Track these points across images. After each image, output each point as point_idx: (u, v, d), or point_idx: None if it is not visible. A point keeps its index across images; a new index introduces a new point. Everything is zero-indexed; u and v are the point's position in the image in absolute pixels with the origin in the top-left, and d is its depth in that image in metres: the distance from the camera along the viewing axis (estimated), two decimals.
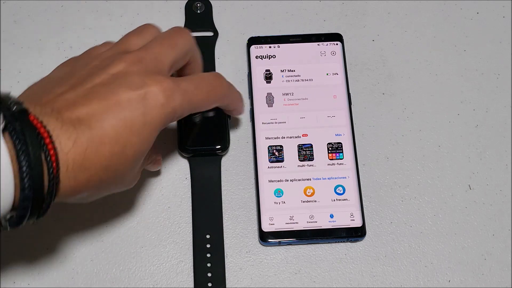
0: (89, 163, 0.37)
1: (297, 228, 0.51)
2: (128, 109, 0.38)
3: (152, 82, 0.39)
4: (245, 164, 0.54)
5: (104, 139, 0.37)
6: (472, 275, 0.50)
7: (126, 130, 0.38)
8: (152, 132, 0.40)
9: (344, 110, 0.54)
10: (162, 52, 0.42)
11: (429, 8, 0.60)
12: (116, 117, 0.38)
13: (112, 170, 0.38)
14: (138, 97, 0.39)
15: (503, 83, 0.57)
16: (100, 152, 0.37)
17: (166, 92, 0.40)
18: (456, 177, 0.54)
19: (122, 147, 0.38)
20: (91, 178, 0.37)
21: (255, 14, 0.59)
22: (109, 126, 0.37)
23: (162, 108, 0.40)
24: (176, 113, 0.41)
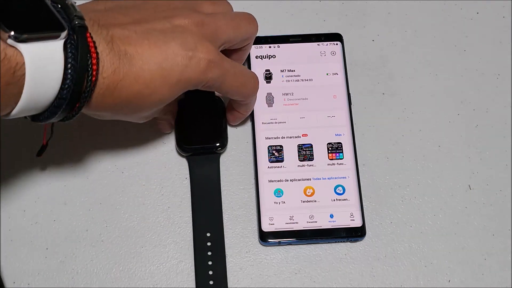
0: (118, 93, 0.40)
1: (297, 228, 0.51)
2: (171, 63, 0.41)
3: (202, 48, 0.42)
4: (245, 164, 0.54)
5: (139, 79, 0.40)
6: (472, 275, 0.50)
7: (160, 79, 0.41)
8: (180, 89, 0.42)
9: (344, 110, 0.54)
10: (224, 27, 0.45)
11: (429, 8, 0.60)
12: (158, 65, 0.40)
13: (133, 106, 0.41)
14: (185, 55, 0.41)
15: (503, 83, 0.57)
16: (131, 88, 0.40)
17: (210, 63, 0.42)
18: (456, 177, 0.54)
19: (150, 92, 0.41)
20: (114, 104, 0.40)
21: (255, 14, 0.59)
22: (148, 70, 0.40)
23: (200, 74, 0.42)
24: (207, 84, 0.44)
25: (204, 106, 0.53)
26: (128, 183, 0.53)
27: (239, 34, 0.47)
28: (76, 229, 0.51)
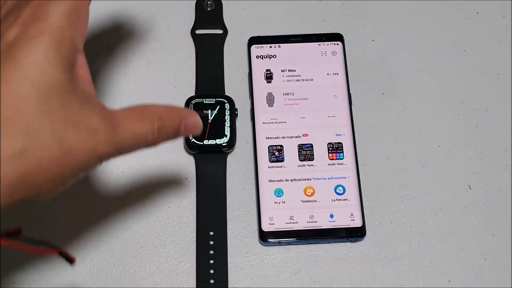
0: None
1: (297, 228, 0.51)
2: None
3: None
4: (245, 164, 0.54)
5: None
6: (472, 275, 0.50)
7: (6, 88, 0.31)
8: (44, 70, 0.32)
9: (345, 110, 0.54)
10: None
11: (429, 8, 0.60)
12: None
13: (19, 136, 0.31)
14: (3, 46, 0.33)
15: (503, 83, 0.57)
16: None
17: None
18: (456, 177, 0.54)
19: (14, 108, 0.31)
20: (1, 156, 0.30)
21: (255, 14, 0.59)
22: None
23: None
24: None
25: (213, 105, 0.54)
26: (128, 183, 0.53)
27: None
28: (76, 229, 0.51)
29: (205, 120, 0.53)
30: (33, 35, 0.32)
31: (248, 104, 0.55)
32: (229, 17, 0.59)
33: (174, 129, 0.37)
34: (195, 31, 0.58)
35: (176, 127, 0.37)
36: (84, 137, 0.32)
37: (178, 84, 0.56)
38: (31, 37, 0.32)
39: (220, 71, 0.56)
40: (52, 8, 0.33)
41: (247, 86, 0.56)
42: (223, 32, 0.58)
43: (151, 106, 0.36)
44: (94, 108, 0.34)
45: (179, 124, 0.37)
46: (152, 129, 0.36)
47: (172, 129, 0.37)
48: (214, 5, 0.59)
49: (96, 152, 0.33)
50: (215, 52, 0.57)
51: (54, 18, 0.33)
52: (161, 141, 0.37)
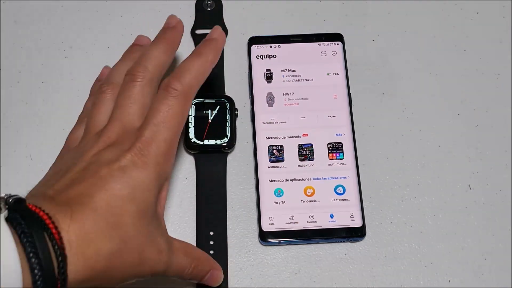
0: (92, 235, 0.36)
1: (297, 228, 0.51)
2: (112, 180, 0.38)
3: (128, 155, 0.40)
4: (245, 164, 0.54)
5: (98, 211, 0.37)
6: (472, 275, 0.50)
7: (115, 199, 0.38)
8: (145, 192, 0.39)
9: (345, 110, 0.54)
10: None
11: (429, 8, 0.60)
12: (103, 189, 0.37)
13: (116, 239, 0.37)
14: (117, 167, 0.39)
15: (503, 83, 0.57)
16: (98, 224, 0.36)
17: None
18: (456, 177, 0.54)
19: (117, 217, 0.37)
20: (99, 251, 0.36)
21: (255, 14, 0.59)
22: (99, 199, 0.37)
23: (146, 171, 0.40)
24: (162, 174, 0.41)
25: (213, 105, 0.54)
26: None
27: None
28: None
29: (205, 120, 0.53)
30: (142, 164, 0.39)
31: (248, 104, 0.55)
32: (229, 17, 0.59)
33: (203, 272, 0.44)
34: (195, 31, 0.58)
35: (205, 272, 0.44)
36: (154, 254, 0.39)
37: None
38: (141, 166, 0.39)
39: (220, 71, 0.56)
40: (155, 147, 0.40)
41: (247, 86, 0.56)
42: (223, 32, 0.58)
43: (194, 248, 0.45)
44: (163, 231, 0.41)
45: (208, 271, 0.44)
46: (191, 266, 0.42)
47: (202, 272, 0.44)
48: (214, 5, 0.59)
49: (155, 268, 0.40)
50: None
51: (157, 155, 0.40)
52: (190, 277, 0.43)
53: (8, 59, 0.57)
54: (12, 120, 0.54)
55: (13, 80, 0.56)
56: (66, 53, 0.57)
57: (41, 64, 0.57)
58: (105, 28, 0.58)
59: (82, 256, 0.35)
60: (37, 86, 0.56)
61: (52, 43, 0.57)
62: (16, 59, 0.57)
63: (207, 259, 0.45)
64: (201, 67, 0.43)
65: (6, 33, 0.58)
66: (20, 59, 0.57)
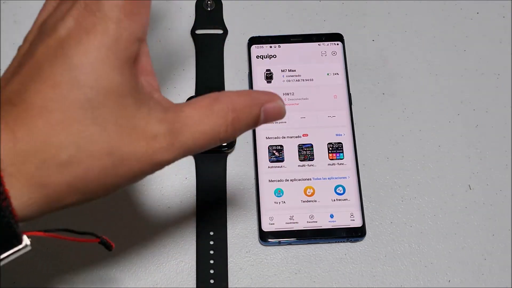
0: (26, 146, 0.28)
1: (297, 228, 0.51)
2: (48, 64, 0.30)
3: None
4: (245, 164, 0.54)
5: (31, 111, 0.29)
6: (472, 275, 0.50)
7: (53, 91, 0.29)
8: (99, 67, 0.29)
9: (345, 110, 0.54)
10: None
11: (429, 8, 0.60)
12: (37, 80, 0.29)
13: (66, 144, 0.29)
14: (54, 43, 0.30)
15: (503, 83, 0.57)
16: (32, 127, 0.28)
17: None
18: (456, 177, 0.54)
19: (60, 113, 0.29)
20: (42, 165, 0.28)
21: (255, 14, 0.59)
22: (31, 95, 0.29)
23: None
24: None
25: None
26: None
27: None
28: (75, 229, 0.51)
29: None
30: (86, 30, 0.29)
31: None
32: (229, 17, 0.59)
33: (253, 118, 0.32)
34: (195, 31, 0.58)
35: (255, 116, 0.32)
36: (140, 146, 0.30)
37: (178, 84, 0.56)
38: (85, 33, 0.29)
39: (220, 71, 0.56)
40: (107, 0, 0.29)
41: (247, 86, 0.56)
42: (223, 32, 0.58)
43: (222, 95, 0.32)
44: (154, 109, 0.31)
45: (257, 112, 0.33)
46: (226, 123, 0.32)
47: (250, 118, 0.32)
48: (214, 5, 0.59)
49: (154, 160, 0.31)
50: (215, 52, 0.57)
51: (110, 9, 0.29)
52: (237, 134, 0.33)
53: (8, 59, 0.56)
54: None
55: None
56: None
57: None
58: None
59: (21, 174, 0.28)
60: None
61: None
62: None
63: (248, 97, 0.33)
64: None
65: (6, 33, 0.58)
66: None
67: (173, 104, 0.32)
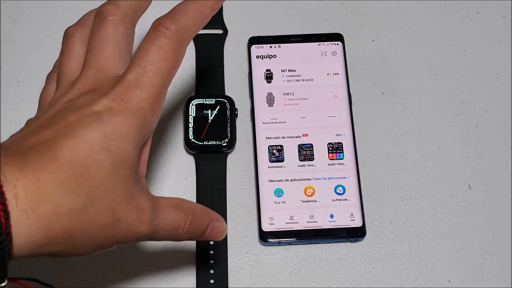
0: (48, 189, 0.30)
1: (297, 228, 0.51)
2: (82, 126, 0.32)
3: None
4: (245, 164, 0.54)
5: (59, 161, 0.31)
6: (472, 275, 0.50)
7: (83, 147, 0.32)
8: (122, 141, 0.33)
9: (345, 110, 0.54)
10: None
11: (429, 8, 0.60)
12: (68, 136, 0.32)
13: (81, 194, 0.31)
14: (90, 113, 0.33)
15: (503, 83, 0.57)
16: (58, 176, 0.31)
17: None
18: (456, 177, 0.54)
19: (84, 168, 0.32)
20: (58, 208, 0.31)
21: (255, 14, 0.59)
22: (61, 146, 0.31)
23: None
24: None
25: (213, 105, 0.54)
26: None
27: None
28: None
29: (205, 120, 0.53)
30: (121, 110, 0.33)
31: (248, 104, 0.55)
32: (229, 17, 0.59)
33: (203, 227, 0.38)
34: None
35: (204, 226, 0.38)
36: (133, 214, 0.34)
37: (178, 84, 0.56)
38: (118, 112, 0.33)
39: (220, 71, 0.56)
40: (140, 92, 0.34)
41: (247, 86, 0.56)
42: (223, 32, 0.58)
43: (186, 201, 0.38)
44: (144, 189, 0.35)
45: (207, 224, 0.38)
46: (185, 221, 0.37)
47: (200, 227, 0.38)
48: None
49: (137, 230, 0.34)
50: (215, 52, 0.57)
51: (140, 101, 0.34)
52: (186, 238, 0.37)
53: (8, 59, 0.57)
54: (12, 120, 0.54)
55: (13, 80, 0.56)
56: None
57: (41, 64, 0.57)
58: None
59: (34, 213, 0.30)
60: (37, 86, 0.55)
61: (52, 43, 0.57)
62: (16, 59, 0.57)
63: (204, 210, 0.38)
64: (199, 10, 0.37)
65: (6, 33, 0.58)
66: (20, 59, 0.57)
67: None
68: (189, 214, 0.37)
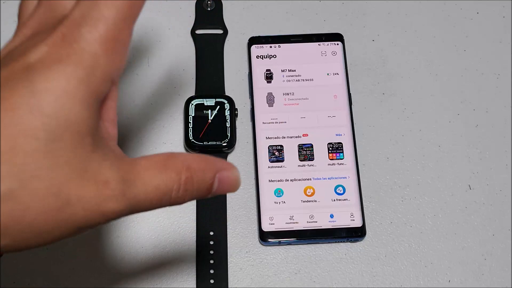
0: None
1: (297, 228, 0.51)
2: (9, 86, 0.27)
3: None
4: (246, 164, 0.54)
5: None
6: (472, 275, 0.50)
7: (10, 115, 0.26)
8: (65, 102, 0.27)
9: (345, 110, 0.54)
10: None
11: (429, 8, 0.60)
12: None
13: (10, 175, 0.26)
14: (21, 66, 0.27)
15: (503, 83, 0.57)
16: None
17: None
18: (456, 177, 0.54)
19: (11, 141, 0.26)
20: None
21: (255, 14, 0.59)
22: None
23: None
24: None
25: (213, 105, 0.54)
26: None
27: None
28: None
29: (205, 120, 0.53)
30: (58, 59, 0.27)
31: (248, 104, 0.55)
32: (229, 17, 0.59)
33: (206, 183, 0.31)
34: (195, 31, 0.58)
35: (208, 181, 0.31)
36: (90, 191, 0.27)
37: (178, 84, 0.56)
38: (56, 61, 0.27)
39: (220, 71, 0.56)
40: (87, 30, 0.27)
41: (247, 86, 0.56)
42: (223, 32, 0.58)
43: (179, 154, 0.31)
44: (110, 156, 0.29)
45: (212, 178, 0.31)
46: (178, 182, 0.30)
47: (203, 183, 0.31)
48: (214, 5, 0.59)
49: (102, 208, 0.28)
50: (215, 52, 0.57)
51: (88, 42, 0.27)
52: (186, 199, 0.31)
53: None
54: None
55: None
56: None
57: None
58: None
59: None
60: None
61: None
62: None
63: (205, 161, 0.31)
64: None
65: (6, 33, 0.58)
66: None
67: (128, 157, 0.30)
68: (182, 170, 0.30)
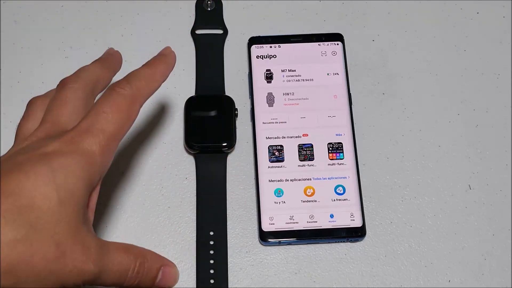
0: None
1: (297, 228, 0.51)
2: (29, 163, 0.33)
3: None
4: (246, 164, 0.54)
5: (2, 193, 0.32)
6: (472, 275, 0.50)
7: (28, 181, 0.32)
8: (69, 178, 0.34)
9: (345, 110, 0.54)
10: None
11: (429, 8, 0.60)
12: (13, 171, 0.33)
13: (24, 224, 0.31)
14: (39, 153, 0.34)
15: (503, 83, 0.57)
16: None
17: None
18: (456, 177, 0.54)
19: (28, 200, 0.32)
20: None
21: (255, 14, 0.59)
22: (5, 181, 0.32)
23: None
24: None
25: (213, 105, 0.54)
26: (128, 184, 0.53)
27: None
28: None
29: (205, 120, 0.53)
30: (69, 151, 0.34)
31: (248, 104, 0.55)
32: (229, 17, 0.59)
33: (153, 271, 0.37)
34: (195, 31, 0.58)
35: (155, 269, 0.37)
36: (78, 249, 0.33)
37: (178, 84, 0.56)
38: (67, 152, 0.34)
39: (220, 71, 0.56)
40: (89, 136, 0.35)
41: (247, 86, 0.56)
42: (223, 32, 0.58)
43: (136, 246, 0.37)
44: (91, 230, 0.35)
45: (158, 268, 0.38)
46: (135, 263, 0.36)
47: (151, 270, 0.37)
48: (214, 5, 0.59)
49: (83, 267, 0.33)
50: (215, 52, 0.57)
51: (90, 145, 0.35)
52: (138, 281, 0.37)
53: (8, 59, 0.57)
54: (12, 120, 0.54)
55: (13, 80, 0.56)
56: (66, 53, 0.57)
57: (41, 64, 0.57)
58: (105, 28, 0.58)
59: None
60: (37, 86, 0.56)
61: (52, 43, 0.57)
62: (16, 59, 0.57)
63: (155, 255, 0.38)
64: (151, 75, 0.40)
65: (6, 33, 0.58)
66: (20, 59, 0.57)
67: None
68: (138, 257, 0.37)
